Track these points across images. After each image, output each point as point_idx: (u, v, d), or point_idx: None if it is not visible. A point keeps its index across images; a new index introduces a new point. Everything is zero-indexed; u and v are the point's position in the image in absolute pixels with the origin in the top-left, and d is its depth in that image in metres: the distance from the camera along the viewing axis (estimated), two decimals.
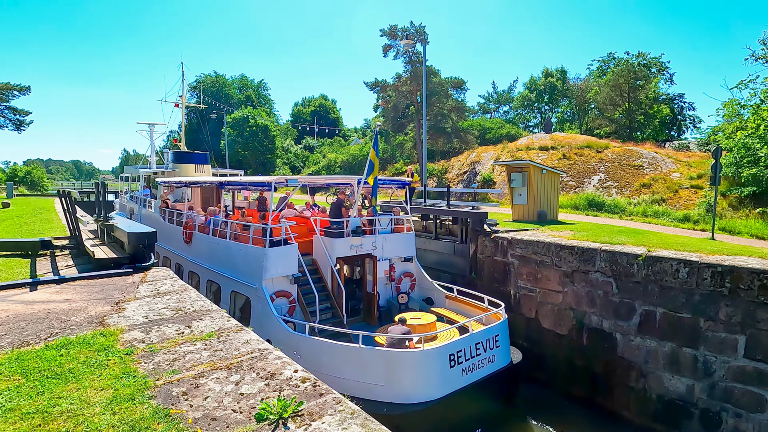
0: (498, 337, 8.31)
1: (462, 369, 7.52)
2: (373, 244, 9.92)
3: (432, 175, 33.39)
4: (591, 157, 26.91)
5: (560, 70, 50.22)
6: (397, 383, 7.11)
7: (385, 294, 10.41)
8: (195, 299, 5.12)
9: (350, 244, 9.60)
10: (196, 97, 67.38)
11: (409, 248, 10.86)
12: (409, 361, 7.20)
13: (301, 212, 11.89)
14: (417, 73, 30.95)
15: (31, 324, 4.33)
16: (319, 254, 9.81)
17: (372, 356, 7.23)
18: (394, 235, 10.59)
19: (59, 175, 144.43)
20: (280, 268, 8.75)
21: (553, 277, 10.53)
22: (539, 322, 10.96)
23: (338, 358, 7.43)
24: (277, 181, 9.42)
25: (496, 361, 8.21)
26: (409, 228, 11.01)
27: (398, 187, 12.22)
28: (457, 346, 7.56)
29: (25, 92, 38.94)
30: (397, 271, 10.69)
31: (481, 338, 7.96)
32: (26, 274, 6.68)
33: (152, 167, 17.54)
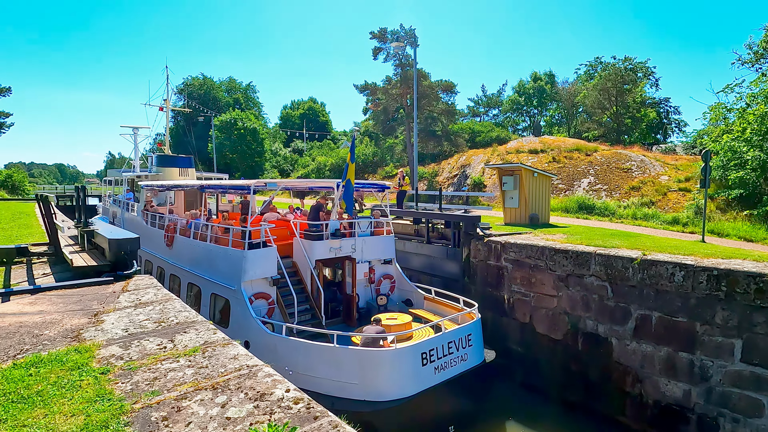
0: (471, 336, 8.48)
1: (434, 367, 7.67)
2: (352, 247, 10.09)
3: (422, 178, 33.28)
4: (580, 160, 27.05)
5: (549, 74, 50.66)
6: (370, 381, 7.24)
7: (364, 296, 10.58)
8: (179, 310, 4.84)
9: (329, 246, 9.76)
10: (183, 100, 66.74)
11: (389, 251, 11.03)
12: (382, 360, 7.34)
13: (284, 215, 11.90)
14: (407, 76, 30.86)
15: (1, 339, 4.02)
16: (298, 257, 9.94)
17: (346, 355, 7.36)
18: (374, 237, 10.73)
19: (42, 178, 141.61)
20: (258, 270, 8.84)
21: (547, 281, 10.41)
22: (533, 327, 10.82)
23: (314, 358, 7.55)
24: (256, 184, 9.48)
25: (469, 359, 8.36)
26: (389, 231, 11.14)
27: (378, 190, 12.32)
28: (430, 345, 7.70)
29: (5, 94, 38.00)
30: (376, 273, 10.86)
31: (453, 337, 8.11)
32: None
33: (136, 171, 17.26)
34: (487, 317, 12.01)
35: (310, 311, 9.52)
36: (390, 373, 7.34)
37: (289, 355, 7.72)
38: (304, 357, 7.61)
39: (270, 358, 7.84)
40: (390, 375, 7.34)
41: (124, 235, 6.78)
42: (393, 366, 7.36)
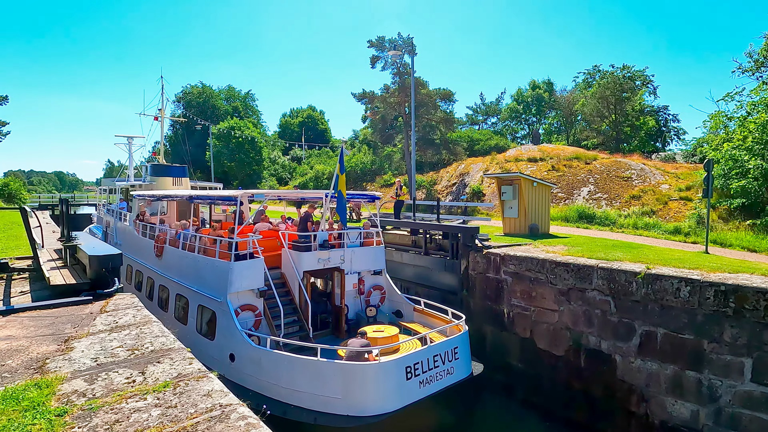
0: (457, 349, 8.30)
1: (419, 381, 7.50)
2: (341, 258, 9.97)
3: (421, 186, 33.05)
4: (580, 169, 26.85)
5: (547, 82, 50.72)
6: (353, 396, 7.09)
7: (354, 307, 10.48)
8: (156, 334, 4.53)
9: (317, 257, 9.64)
10: (182, 108, 66.66)
11: (379, 261, 10.91)
12: (365, 374, 7.17)
13: (276, 225, 11.78)
14: (405, 85, 30.75)
15: None
16: (287, 268, 9.80)
17: (329, 369, 7.21)
18: (363, 248, 10.61)
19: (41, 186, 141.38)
20: (245, 281, 8.72)
21: (548, 295, 10.10)
22: (534, 343, 10.49)
23: (297, 372, 7.39)
24: (243, 195, 9.38)
25: (455, 372, 8.17)
26: (378, 241, 11.02)
27: (368, 201, 12.25)
28: (415, 359, 7.53)
29: (2, 102, 37.82)
30: (366, 284, 10.75)
31: (439, 350, 7.94)
32: None
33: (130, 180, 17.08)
34: (487, 331, 11.70)
35: (298, 323, 9.36)
36: (373, 387, 7.17)
37: (273, 369, 7.58)
38: (287, 371, 7.45)
39: (254, 371, 7.78)
40: (373, 389, 7.17)
41: (105, 251, 6.47)
42: (376, 380, 7.18)
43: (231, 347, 8.30)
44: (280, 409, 7.22)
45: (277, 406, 7.28)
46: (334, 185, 9.83)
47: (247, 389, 7.80)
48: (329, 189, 9.95)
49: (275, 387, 7.53)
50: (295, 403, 7.26)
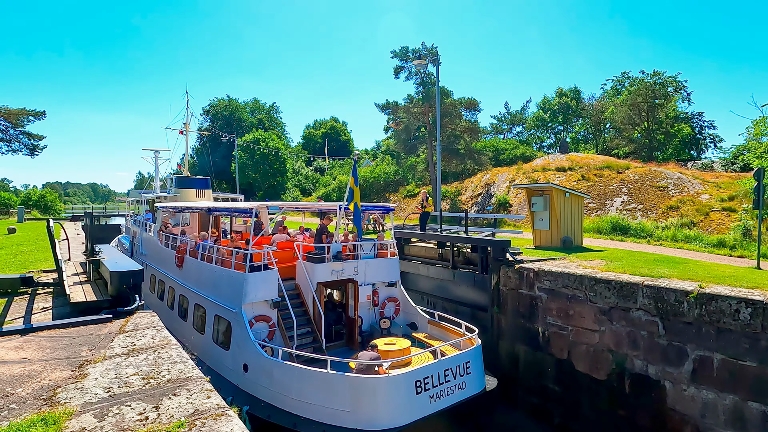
0: (469, 363, 8.14)
1: (429, 395, 7.38)
2: (354, 269, 9.95)
3: (445, 197, 32.51)
4: (612, 178, 25.84)
5: (574, 90, 49.57)
6: (362, 409, 7.03)
7: (368, 319, 10.44)
8: (174, 360, 4.23)
9: (331, 269, 9.64)
10: (209, 121, 68.22)
11: (393, 273, 10.87)
12: (374, 387, 7.09)
13: (294, 236, 11.79)
14: (429, 94, 30.46)
15: None
16: (301, 279, 9.83)
17: (338, 382, 7.16)
18: (377, 260, 10.54)
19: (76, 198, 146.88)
20: (260, 292, 8.77)
21: (587, 313, 9.44)
22: (572, 365, 9.81)
23: (307, 384, 7.39)
24: (258, 206, 9.59)
25: (467, 387, 8.00)
26: (393, 253, 10.98)
27: (383, 212, 12.04)
28: (425, 372, 7.43)
29: (39, 117, 39.37)
30: (380, 295, 10.71)
31: (450, 364, 7.82)
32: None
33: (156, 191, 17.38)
34: (520, 351, 11.07)
35: (311, 334, 9.35)
36: (382, 400, 7.07)
37: (283, 380, 7.58)
38: (298, 382, 7.44)
39: (266, 382, 7.82)
40: (382, 403, 7.07)
41: (126, 266, 6.29)
42: (385, 394, 7.08)
43: (245, 357, 8.32)
44: (290, 421, 7.23)
45: (288, 418, 7.29)
46: (348, 197, 9.91)
47: (259, 399, 7.81)
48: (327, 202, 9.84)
49: (286, 398, 7.49)
50: (305, 415, 7.23)
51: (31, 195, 58.71)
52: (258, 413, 7.55)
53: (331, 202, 13.98)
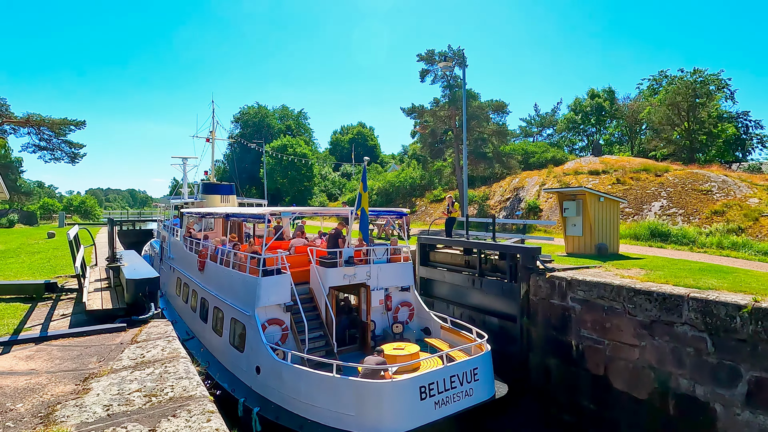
0: (477, 369, 8.03)
1: (435, 401, 7.32)
2: (367, 274, 9.98)
3: (472, 201, 31.83)
4: (649, 182, 24.56)
5: (607, 90, 47.78)
6: (366, 413, 7.04)
7: (382, 323, 10.44)
8: (180, 375, 4.02)
9: (343, 273, 9.69)
10: (240, 127, 69.83)
11: (406, 278, 10.85)
12: (378, 392, 7.10)
13: (313, 241, 11.84)
14: (455, 97, 29.94)
15: None
16: (314, 283, 9.92)
17: (343, 386, 7.20)
18: (390, 264, 10.56)
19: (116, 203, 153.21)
20: (272, 296, 8.89)
21: (626, 327, 8.77)
22: (609, 381, 9.14)
23: (314, 387, 7.43)
24: (270, 212, 9.87)
25: (475, 394, 7.88)
26: (406, 258, 10.96)
27: (396, 216, 12.06)
28: (430, 378, 7.36)
29: (80, 126, 41.08)
30: (394, 300, 10.71)
31: (456, 371, 7.71)
32: (14, 325, 5.89)
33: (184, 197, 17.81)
34: (551, 365, 10.45)
35: (324, 338, 9.40)
36: (386, 406, 7.07)
37: (292, 383, 7.67)
38: (306, 385, 7.50)
39: (276, 384, 7.96)
40: (386, 408, 7.06)
41: (143, 274, 6.21)
42: (389, 399, 7.09)
43: (257, 360, 8.42)
44: (296, 423, 7.30)
45: (295, 420, 7.37)
46: (357, 203, 9.97)
47: (270, 401, 7.91)
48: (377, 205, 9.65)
49: (294, 401, 7.55)
50: (311, 418, 7.27)
51: (73, 201, 61.55)
52: (267, 415, 7.64)
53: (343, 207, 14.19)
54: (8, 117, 39.75)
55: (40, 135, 40.84)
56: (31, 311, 6.72)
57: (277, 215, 10.36)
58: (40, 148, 41.37)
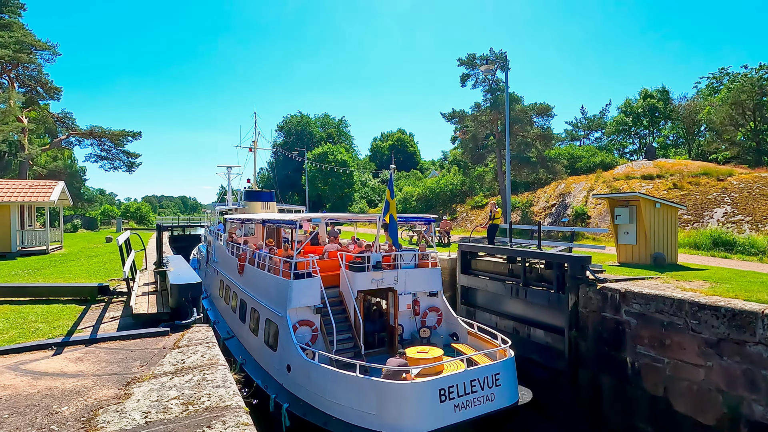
0: (499, 375, 8.03)
1: (454, 405, 7.41)
2: (394, 279, 10.15)
3: (515, 208, 30.91)
4: (710, 186, 22.87)
5: (661, 90, 45.20)
6: (386, 413, 7.23)
7: (409, 327, 10.64)
8: (218, 383, 3.99)
9: (371, 278, 9.90)
10: (283, 136, 71.86)
11: (435, 283, 10.97)
12: (397, 393, 7.28)
13: (346, 246, 12.11)
14: (497, 101, 29.28)
15: (12, 417, 3.45)
16: (344, 287, 10.19)
17: (365, 385, 7.42)
18: (418, 270, 10.70)
19: (168, 209, 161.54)
20: (303, 298, 9.22)
21: (689, 345, 8.04)
22: (669, 404, 8.40)
23: (339, 386, 7.68)
24: (301, 219, 10.36)
25: (496, 400, 7.88)
26: (434, 263, 11.12)
27: (425, 223, 12.25)
28: (450, 381, 7.46)
29: (137, 137, 43.69)
30: (422, 305, 10.84)
31: (477, 375, 7.77)
32: (68, 326, 6.16)
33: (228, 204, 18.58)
34: (603, 382, 9.78)
35: (352, 340, 9.69)
36: (405, 406, 7.25)
37: (319, 381, 7.99)
38: (331, 384, 7.77)
39: (305, 382, 8.37)
40: (405, 408, 7.25)
41: (187, 280, 6.32)
42: (408, 400, 7.26)
43: (288, 359, 8.78)
44: (322, 420, 7.60)
45: (321, 417, 7.67)
46: (385, 209, 10.20)
47: (299, 398, 8.27)
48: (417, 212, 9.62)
49: (321, 398, 7.87)
50: (336, 415, 7.55)
51: (130, 207, 65.46)
52: (296, 411, 7.97)
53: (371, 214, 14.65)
54: (74, 130, 42.91)
55: (101, 146, 43.79)
56: (84, 313, 7.03)
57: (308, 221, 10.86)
58: (101, 158, 44.33)
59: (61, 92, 41.22)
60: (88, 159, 44.81)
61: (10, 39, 33.29)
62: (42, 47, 37.29)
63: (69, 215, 47.64)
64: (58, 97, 41.39)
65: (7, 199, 18.66)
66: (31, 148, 39.00)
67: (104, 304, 7.63)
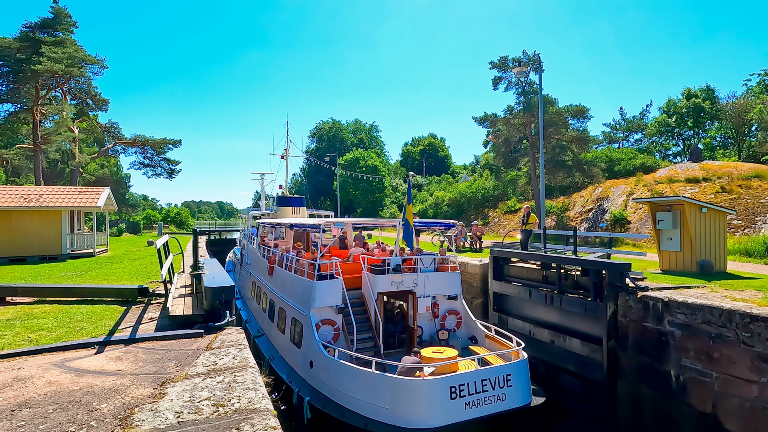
0: (510, 376, 8.24)
1: (465, 402, 7.66)
2: (414, 282, 10.53)
3: (550, 213, 30.09)
4: (763, 190, 21.47)
5: (706, 89, 42.98)
6: (399, 407, 7.54)
7: (429, 329, 10.95)
8: (248, 386, 4.05)
9: (391, 280, 10.29)
10: (315, 142, 73.11)
11: (454, 287, 11.26)
12: (410, 389, 7.57)
13: (371, 250, 12.49)
14: (531, 104, 28.68)
15: (56, 412, 3.62)
16: (366, 289, 10.59)
17: (380, 381, 7.76)
18: (437, 273, 11.00)
19: (206, 214, 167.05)
20: (326, 299, 9.65)
21: (740, 359, 7.52)
22: (719, 421, 7.88)
23: (356, 381, 8.05)
24: (325, 224, 10.97)
25: (507, 399, 8.10)
26: (453, 267, 11.40)
27: (444, 228, 12.84)
28: (461, 380, 7.74)
29: (177, 145, 45.55)
30: (441, 308, 11.13)
31: (488, 375, 8.03)
32: (110, 326, 6.44)
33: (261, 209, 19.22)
34: (645, 395, 9.30)
35: (372, 339, 10.08)
36: (417, 402, 7.53)
37: (338, 377, 8.38)
38: (349, 379, 8.15)
39: (326, 377, 8.81)
40: (417, 404, 7.52)
41: (220, 282, 6.49)
42: (420, 396, 7.54)
43: (311, 355, 9.22)
44: (339, 412, 8.01)
45: (338, 410, 8.07)
46: (403, 214, 10.64)
47: (320, 392, 8.71)
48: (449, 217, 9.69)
49: (339, 392, 8.28)
50: (353, 409, 7.93)
51: (170, 212, 68.19)
52: (317, 404, 8.43)
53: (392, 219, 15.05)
54: (120, 139, 45.23)
55: (144, 153, 45.92)
56: (125, 314, 7.33)
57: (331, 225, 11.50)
58: (143, 165, 46.47)
59: (108, 103, 43.53)
60: (132, 166, 47.10)
61: (63, 55, 35.47)
62: (92, 62, 39.56)
63: (114, 220, 50.12)
64: (106, 108, 43.74)
65: (58, 205, 19.83)
66: (81, 156, 41.42)
67: (143, 305, 7.94)
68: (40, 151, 35.88)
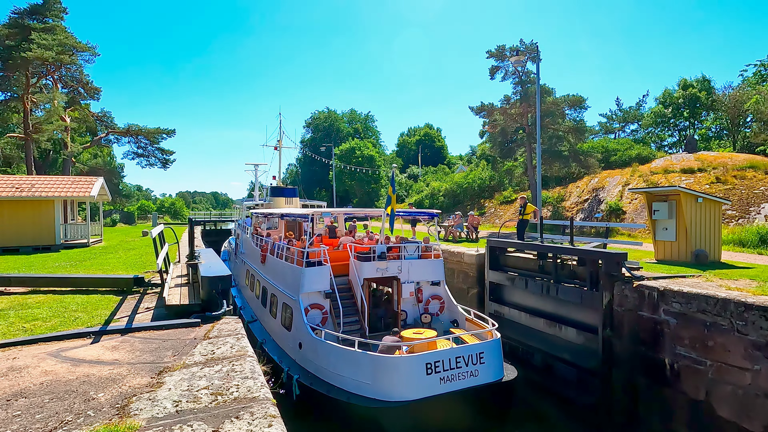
0: (483, 354, 8.73)
1: (440, 377, 8.14)
2: (398, 268, 10.98)
3: (546, 203, 30.12)
4: (757, 180, 21.60)
5: (702, 80, 42.97)
6: (379, 382, 8.07)
7: (413, 313, 11.44)
8: (246, 375, 4.02)
9: (376, 267, 10.74)
10: (311, 132, 72.64)
11: (437, 273, 11.71)
12: (389, 365, 8.11)
13: (361, 239, 12.96)
14: (528, 94, 28.56)
15: (52, 402, 3.58)
16: (353, 275, 11.08)
17: (362, 359, 8.29)
18: (420, 260, 11.45)
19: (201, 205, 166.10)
20: (314, 284, 10.15)
21: (734, 347, 7.59)
22: (712, 409, 7.98)
23: (341, 359, 8.58)
24: (314, 213, 11.46)
25: (480, 375, 8.60)
26: (437, 255, 11.88)
27: (429, 218, 13.24)
28: (435, 357, 8.22)
29: (171, 135, 45.01)
30: (424, 293, 11.64)
31: (462, 353, 8.50)
32: (106, 315, 6.38)
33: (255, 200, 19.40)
34: (639, 384, 9.40)
35: (358, 323, 10.57)
36: (395, 377, 8.04)
37: (324, 356, 8.92)
38: (334, 357, 8.69)
39: (313, 357, 9.37)
40: (395, 379, 8.03)
41: (217, 272, 6.44)
42: (398, 371, 8.05)
43: (300, 337, 9.78)
44: (325, 389, 8.51)
45: (324, 385, 8.61)
46: (386, 203, 11.09)
47: (308, 371, 9.26)
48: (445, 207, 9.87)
49: (325, 370, 8.83)
50: (337, 385, 8.48)
51: (165, 202, 67.76)
52: (305, 381, 8.97)
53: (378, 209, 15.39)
54: (112, 128, 44.64)
55: (138, 143, 45.36)
56: (121, 303, 7.28)
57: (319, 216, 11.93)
58: (137, 155, 45.90)
59: (100, 92, 42.87)
60: (126, 156, 46.60)
61: (53, 41, 34.82)
62: (82, 49, 38.84)
63: (108, 210, 49.72)
64: (98, 97, 43.06)
65: (51, 194, 19.61)
66: (73, 146, 40.87)
67: (139, 295, 7.88)
68: (32, 140, 35.36)
